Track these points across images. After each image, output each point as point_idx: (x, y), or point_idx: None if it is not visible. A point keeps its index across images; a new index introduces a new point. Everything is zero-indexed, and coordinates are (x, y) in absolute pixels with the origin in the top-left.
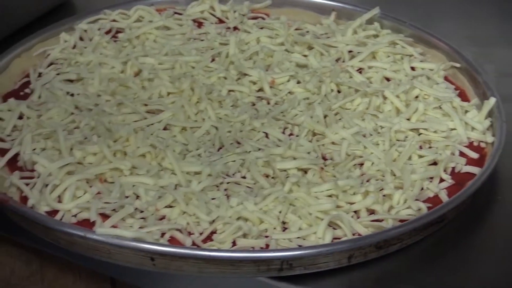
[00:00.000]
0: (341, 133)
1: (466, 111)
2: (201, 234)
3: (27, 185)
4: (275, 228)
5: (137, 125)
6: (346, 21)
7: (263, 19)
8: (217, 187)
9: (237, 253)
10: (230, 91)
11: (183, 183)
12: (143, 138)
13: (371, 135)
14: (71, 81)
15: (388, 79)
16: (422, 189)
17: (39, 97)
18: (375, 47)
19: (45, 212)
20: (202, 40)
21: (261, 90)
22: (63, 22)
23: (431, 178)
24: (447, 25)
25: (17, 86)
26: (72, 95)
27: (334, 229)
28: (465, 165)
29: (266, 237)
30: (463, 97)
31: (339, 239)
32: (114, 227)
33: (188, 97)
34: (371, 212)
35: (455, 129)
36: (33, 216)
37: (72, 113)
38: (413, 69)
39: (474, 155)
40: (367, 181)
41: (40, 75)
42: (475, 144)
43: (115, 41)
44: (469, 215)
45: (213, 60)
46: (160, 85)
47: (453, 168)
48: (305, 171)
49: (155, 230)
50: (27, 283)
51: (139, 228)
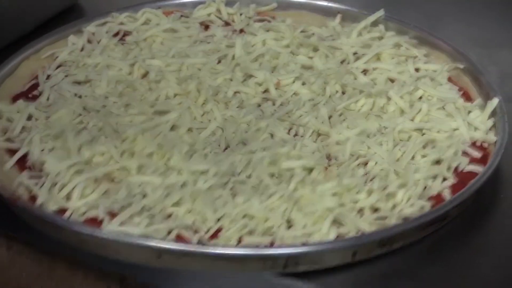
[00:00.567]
0: (345, 133)
1: (469, 112)
2: (207, 231)
3: (35, 184)
4: (280, 225)
5: (144, 126)
6: (351, 24)
7: (269, 21)
8: (223, 186)
9: (242, 250)
10: (236, 92)
11: (190, 182)
12: (150, 138)
13: (375, 135)
14: (79, 83)
15: (392, 80)
16: (425, 187)
17: (48, 99)
18: (380, 49)
19: (54, 211)
20: (208, 42)
21: (266, 91)
22: (71, 25)
23: (434, 177)
24: (451, 27)
25: (25, 88)
26: (80, 97)
27: (338, 226)
28: (468, 164)
29: (271, 234)
30: (467, 97)
31: (343, 236)
32: (122, 225)
33: (194, 99)
34: (375, 210)
35: (458, 129)
36: (42, 214)
37: (80, 114)
38: (417, 70)
39: (477, 155)
40: (371, 180)
41: (48, 77)
42: (478, 143)
43: (123, 44)
44: (472, 214)
45: (219, 62)
46: (166, 87)
47: (456, 167)
48: (310, 171)
49: (162, 227)
50: (37, 282)
51: (146, 226)
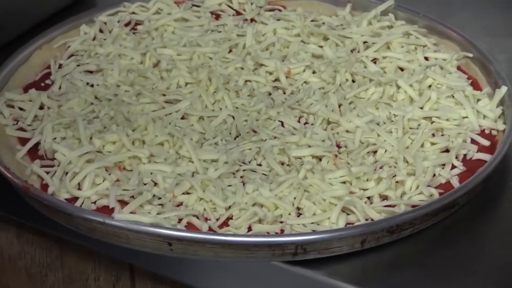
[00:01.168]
0: (355, 122)
1: (478, 100)
2: (217, 220)
3: (47, 173)
4: (290, 214)
5: (155, 115)
6: (361, 13)
7: (280, 11)
8: (234, 174)
9: (252, 237)
10: (246, 81)
11: (200, 171)
12: (161, 127)
13: (384, 123)
14: (91, 72)
15: (402, 69)
16: (434, 175)
17: (60, 88)
18: (389, 38)
19: (65, 199)
20: (219, 31)
21: (277, 80)
22: (83, 14)
23: (443, 165)
24: (461, 16)
25: (38, 77)
26: (91, 86)
27: (347, 214)
28: (477, 152)
29: (281, 222)
30: (476, 86)
31: (352, 224)
32: (132, 213)
33: (205, 87)
34: (384, 198)
35: (467, 117)
36: (54, 203)
37: (91, 103)
38: (426, 59)
39: (485, 143)
40: (380, 168)
41: (60, 66)
42: (487, 132)
43: (134, 33)
44: (481, 201)
45: (230, 51)
46: (178, 76)
47: (465, 155)
48: (320, 159)
49: (172, 216)
50: (47, 271)
51: (157, 214)
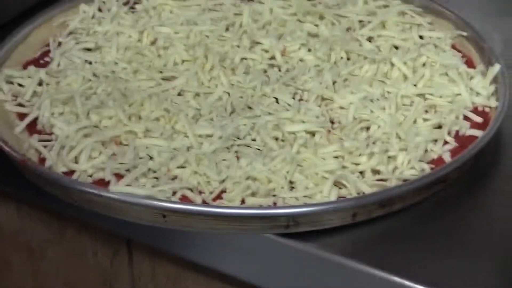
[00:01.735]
0: (349, 98)
1: (471, 78)
2: (211, 193)
3: (45, 147)
4: (282, 187)
5: (152, 91)
6: None
7: None
8: (228, 149)
9: (244, 209)
10: (242, 59)
11: (195, 145)
12: (157, 102)
13: (378, 100)
14: (89, 50)
15: (396, 48)
16: (426, 151)
17: (58, 65)
18: (385, 17)
19: (62, 172)
20: (216, 11)
21: (273, 58)
22: None
23: (435, 140)
24: None
25: (37, 55)
26: (90, 63)
27: (339, 188)
28: (469, 129)
29: (274, 196)
30: (470, 64)
31: (344, 198)
32: (128, 186)
33: (201, 65)
34: (376, 172)
35: (460, 95)
36: (51, 176)
37: (89, 80)
38: (421, 38)
39: (478, 119)
40: (373, 143)
41: (59, 44)
42: (480, 109)
43: (133, 12)
44: (472, 177)
45: (227, 29)
46: (175, 53)
47: (457, 131)
48: (313, 134)
49: (167, 188)
50: (47, 245)
51: (152, 187)
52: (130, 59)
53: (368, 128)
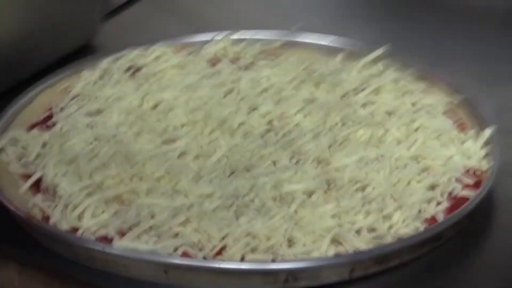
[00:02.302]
0: (344, 160)
1: (463, 142)
2: (212, 249)
3: (49, 206)
4: (281, 244)
5: (153, 153)
6: (354, 59)
7: (273, 60)
8: (228, 208)
9: (246, 265)
10: (241, 123)
11: (196, 204)
12: (158, 164)
13: (372, 162)
14: (91, 114)
15: (390, 113)
16: (420, 211)
17: (61, 129)
18: (379, 84)
19: (66, 229)
20: (215, 78)
21: (270, 122)
22: (84, 60)
23: (429, 201)
24: (454, 63)
25: (41, 118)
26: (92, 127)
27: (336, 246)
28: (462, 190)
29: (273, 253)
30: (462, 129)
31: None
32: (131, 242)
33: (201, 128)
34: (372, 230)
35: (452, 158)
36: (55, 233)
37: (91, 143)
38: (413, 105)
39: (470, 181)
40: (369, 203)
41: (62, 109)
42: (472, 171)
43: (134, 78)
44: (467, 235)
45: (225, 96)
46: (175, 117)
47: (450, 192)
48: (310, 195)
49: (169, 244)
50: None
51: (154, 243)
52: (131, 123)
53: (363, 189)
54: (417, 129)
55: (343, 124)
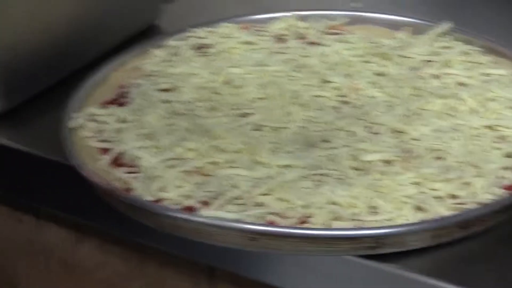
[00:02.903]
0: (421, 129)
1: None
2: (297, 218)
3: (131, 178)
4: (365, 212)
5: (230, 126)
6: (419, 34)
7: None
8: (309, 178)
9: (333, 231)
10: (314, 96)
11: (277, 175)
12: (237, 135)
13: (448, 132)
14: (165, 90)
15: (462, 84)
16: (498, 178)
17: (137, 105)
18: (449, 56)
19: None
20: (284, 53)
21: (343, 95)
22: (153, 39)
23: (507, 168)
24: None
25: (114, 95)
26: (167, 102)
27: (419, 212)
28: None
29: (357, 220)
30: None
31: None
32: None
33: (275, 102)
34: (453, 197)
35: None
36: (140, 203)
37: (168, 118)
38: (484, 75)
39: None
40: (448, 171)
41: (135, 86)
42: None
43: (204, 55)
44: None
45: (296, 71)
46: (248, 92)
47: None
48: (389, 164)
49: (254, 213)
50: (128, 280)
51: (239, 212)
52: (205, 98)
53: (441, 157)
54: (490, 99)
55: (416, 95)
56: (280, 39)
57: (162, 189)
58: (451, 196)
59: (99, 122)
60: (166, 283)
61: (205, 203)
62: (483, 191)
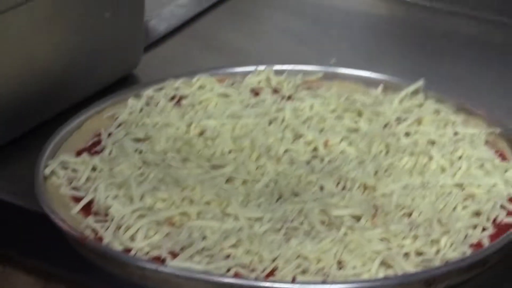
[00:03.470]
0: (391, 186)
1: (506, 170)
2: (263, 270)
3: (101, 227)
4: (331, 266)
5: (202, 177)
6: (392, 92)
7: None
8: (277, 231)
9: (298, 285)
10: (286, 150)
11: (246, 227)
12: (208, 187)
13: (417, 189)
14: (138, 140)
15: (433, 143)
16: (466, 236)
17: (110, 153)
18: (421, 114)
19: (120, 250)
20: (259, 107)
21: (315, 150)
22: (130, 89)
23: (475, 226)
24: (490, 97)
25: (88, 144)
26: (140, 152)
27: (386, 269)
28: (506, 216)
29: (323, 275)
30: (503, 158)
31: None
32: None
33: (248, 155)
34: (420, 254)
35: (496, 186)
36: (110, 252)
37: (140, 167)
38: (455, 134)
39: None
40: (416, 227)
41: (110, 134)
42: None
43: (179, 106)
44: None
45: (270, 124)
46: (222, 144)
47: (495, 218)
48: (358, 219)
49: (222, 265)
50: None
51: (207, 264)
52: (179, 149)
53: (410, 214)
54: (460, 158)
55: (387, 152)
56: (255, 93)
57: (131, 239)
58: (418, 253)
59: (72, 170)
60: None
61: (174, 254)
62: (450, 249)
